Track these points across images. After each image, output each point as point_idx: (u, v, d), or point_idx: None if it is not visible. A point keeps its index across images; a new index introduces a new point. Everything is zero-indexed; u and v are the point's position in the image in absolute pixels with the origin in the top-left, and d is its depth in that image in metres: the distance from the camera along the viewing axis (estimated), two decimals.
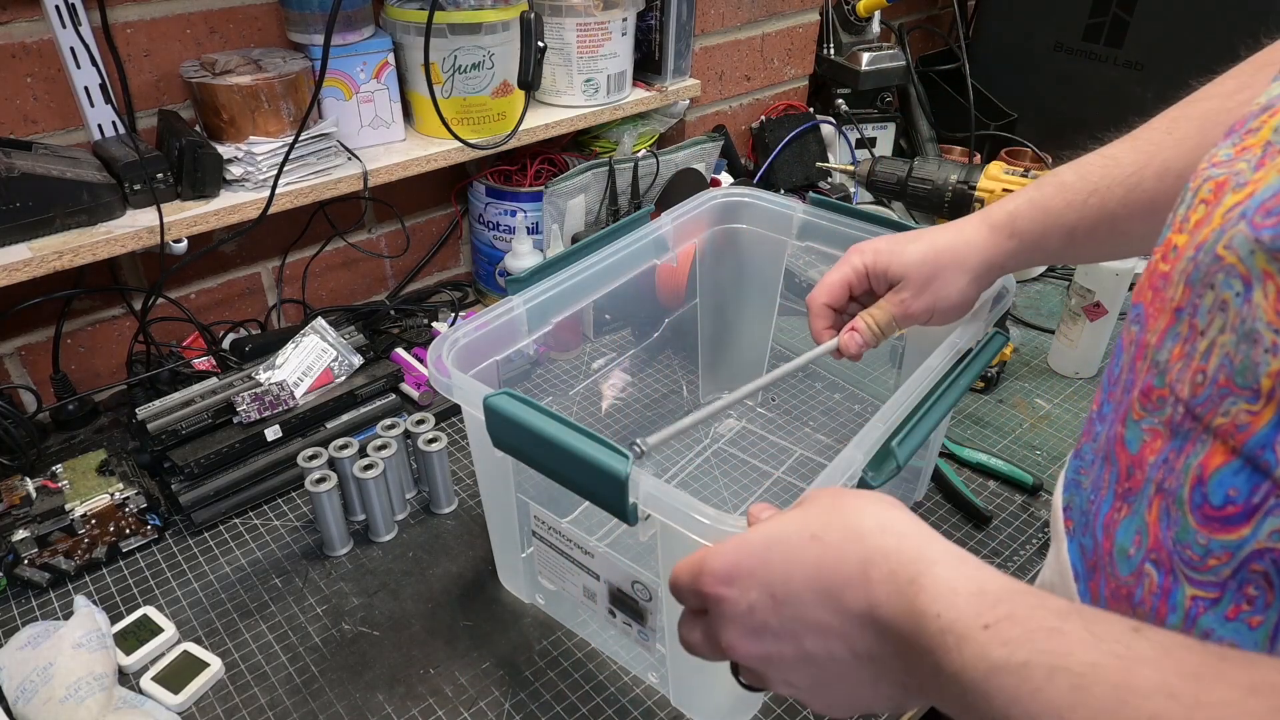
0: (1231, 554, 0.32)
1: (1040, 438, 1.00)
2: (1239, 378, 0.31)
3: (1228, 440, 0.32)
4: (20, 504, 0.81)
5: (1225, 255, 0.32)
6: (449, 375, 0.64)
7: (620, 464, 0.53)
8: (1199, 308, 0.34)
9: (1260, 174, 0.32)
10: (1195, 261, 0.34)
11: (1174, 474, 0.35)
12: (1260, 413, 0.30)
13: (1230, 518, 0.32)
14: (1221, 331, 0.32)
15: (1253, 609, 0.31)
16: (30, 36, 0.84)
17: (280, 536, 0.86)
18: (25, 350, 0.98)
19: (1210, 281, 0.33)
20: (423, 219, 1.23)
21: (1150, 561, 0.36)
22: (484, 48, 1.00)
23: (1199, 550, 0.33)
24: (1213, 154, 0.37)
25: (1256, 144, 0.34)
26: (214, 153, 0.89)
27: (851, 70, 1.44)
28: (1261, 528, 0.30)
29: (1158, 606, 0.35)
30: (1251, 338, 0.31)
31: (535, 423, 0.57)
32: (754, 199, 0.91)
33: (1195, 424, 0.33)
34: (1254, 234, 0.31)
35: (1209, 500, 0.32)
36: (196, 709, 0.70)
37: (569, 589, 0.71)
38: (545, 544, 0.70)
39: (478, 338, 0.70)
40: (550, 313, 0.76)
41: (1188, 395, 0.34)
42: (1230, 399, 0.32)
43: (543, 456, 0.58)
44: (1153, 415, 0.36)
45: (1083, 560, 0.42)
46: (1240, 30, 1.23)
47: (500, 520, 0.77)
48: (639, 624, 0.67)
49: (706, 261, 0.95)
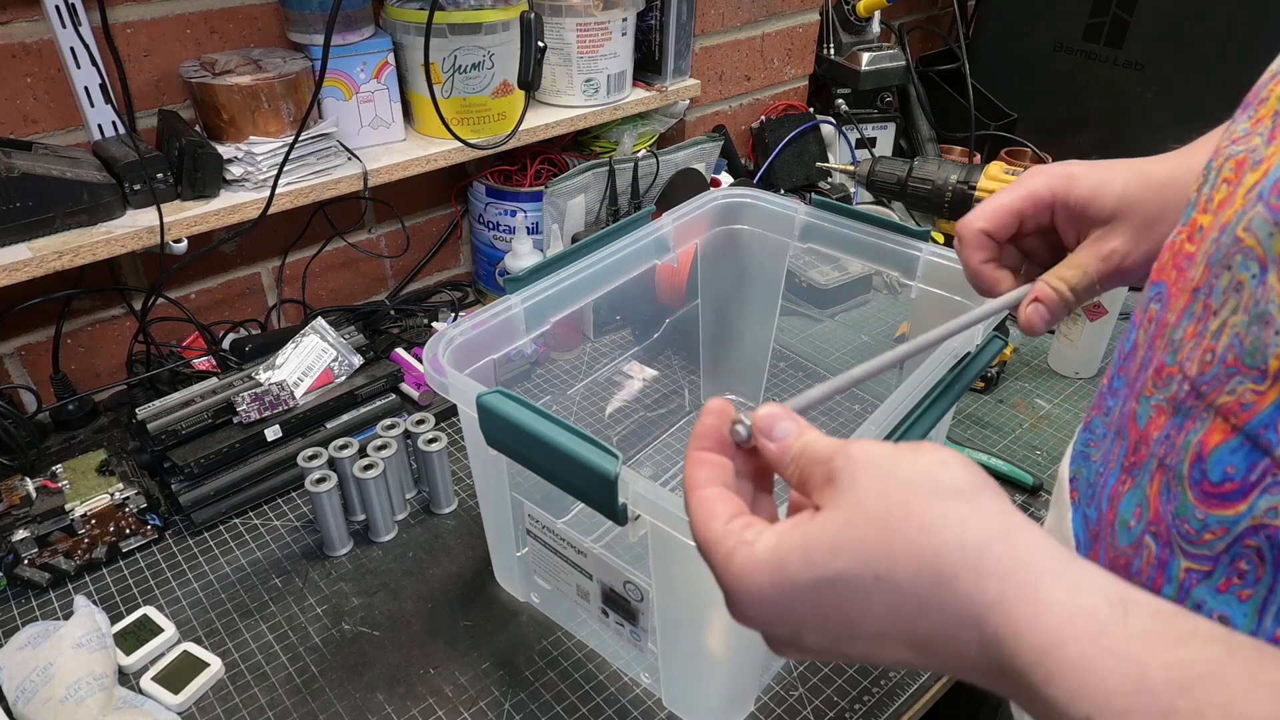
0: (1227, 529, 0.32)
1: (1040, 438, 1.00)
2: (1248, 358, 0.31)
3: (1230, 418, 0.32)
4: (20, 504, 0.81)
5: (1244, 238, 0.32)
6: (444, 374, 0.64)
7: (609, 464, 0.53)
8: (1214, 288, 0.34)
9: (1274, 148, 0.32)
10: (1218, 243, 0.34)
11: (1175, 450, 0.35)
12: (1266, 393, 0.30)
13: (1228, 494, 0.32)
14: (1234, 312, 0.32)
15: (1243, 583, 0.32)
16: (30, 36, 0.84)
17: (280, 536, 0.86)
18: (25, 350, 0.98)
19: (1228, 263, 0.33)
20: (423, 219, 1.23)
21: (1150, 534, 0.36)
22: (484, 48, 1.00)
23: (1196, 525, 0.33)
24: (1232, 129, 0.37)
25: (1267, 114, 0.34)
26: (214, 153, 0.89)
27: (851, 70, 1.44)
28: (1258, 504, 0.31)
29: (1154, 577, 0.36)
30: (1264, 319, 0.30)
31: (527, 422, 0.56)
32: (755, 200, 0.90)
33: (1198, 401, 0.33)
34: (1272, 216, 0.30)
35: (1208, 476, 0.33)
36: (196, 709, 0.70)
37: (563, 588, 0.71)
38: (540, 543, 0.70)
39: (475, 336, 0.70)
40: (548, 312, 0.76)
41: (1195, 373, 0.34)
42: (1237, 378, 0.32)
43: (534, 456, 0.58)
44: (1160, 392, 0.37)
45: (1085, 530, 0.43)
46: (1240, 30, 1.23)
47: (495, 519, 0.77)
48: (631, 624, 0.67)
49: (708, 262, 0.95)
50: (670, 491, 0.54)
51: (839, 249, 0.85)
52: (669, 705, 0.71)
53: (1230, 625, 0.32)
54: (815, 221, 0.86)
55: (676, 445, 1.00)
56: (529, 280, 0.74)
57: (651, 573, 0.62)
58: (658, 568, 0.61)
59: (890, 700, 0.72)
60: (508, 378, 0.97)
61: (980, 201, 1.04)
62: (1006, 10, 1.52)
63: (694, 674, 0.67)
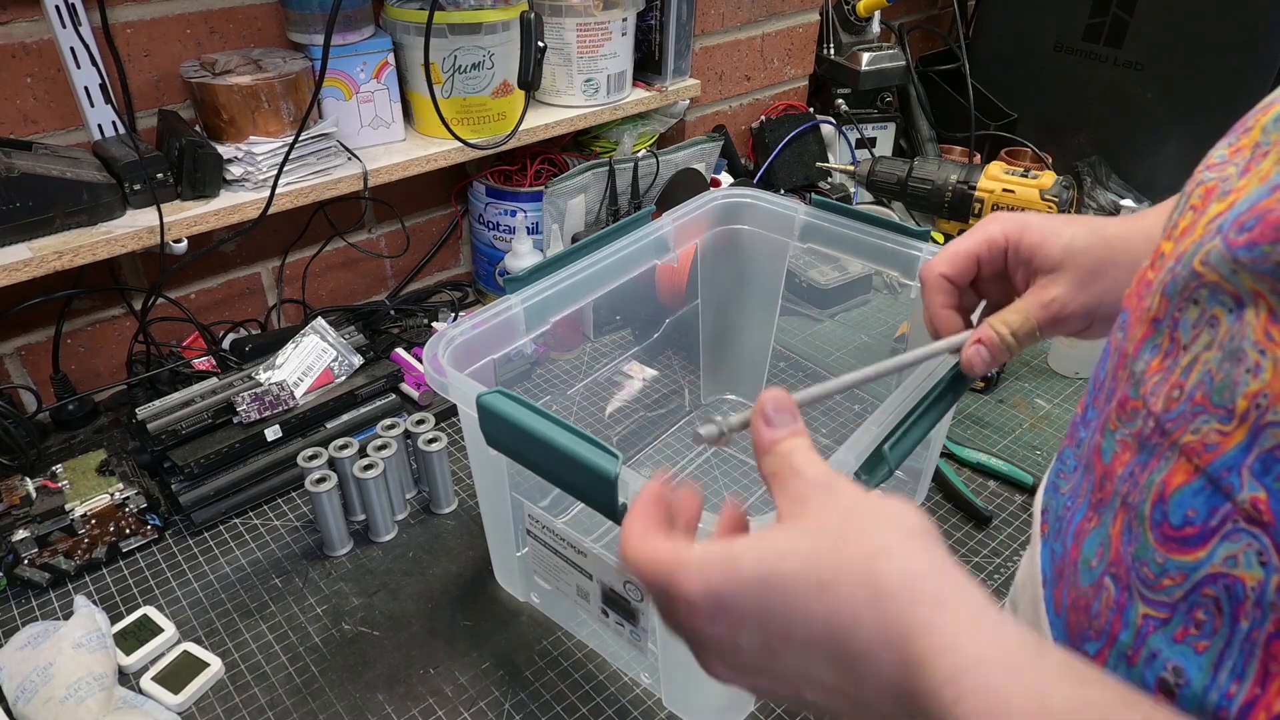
0: (1186, 575, 0.31)
1: (1040, 438, 1.00)
2: (1216, 395, 0.30)
3: (1193, 459, 0.31)
4: (20, 504, 0.81)
5: (1204, 271, 0.31)
6: (444, 373, 0.64)
7: (610, 464, 0.53)
8: (1179, 321, 0.33)
9: (1244, 181, 0.31)
10: (1173, 272, 0.33)
11: (1138, 489, 0.34)
12: (1231, 434, 0.30)
13: (1188, 539, 0.31)
14: (1208, 348, 0.31)
15: (1200, 633, 0.31)
16: (30, 36, 0.84)
17: (280, 536, 0.86)
18: (25, 350, 0.98)
19: (1193, 296, 0.32)
20: (423, 219, 1.23)
21: (1110, 575, 0.35)
22: (484, 48, 1.00)
23: (1155, 569, 0.32)
24: (1210, 154, 0.36)
25: (1248, 144, 0.33)
26: (214, 153, 0.89)
27: (851, 70, 1.44)
28: (1217, 552, 0.30)
29: (1113, 620, 0.35)
30: (1236, 356, 0.30)
31: (527, 422, 0.56)
32: (756, 200, 0.90)
33: (1163, 439, 0.33)
34: (1230, 253, 0.30)
35: (1169, 519, 0.32)
36: (196, 709, 0.70)
37: (563, 588, 0.71)
38: (540, 543, 0.70)
39: (474, 336, 0.70)
40: (549, 312, 0.76)
41: (1160, 409, 0.33)
42: (1203, 417, 0.31)
43: (534, 455, 0.58)
44: (1125, 427, 0.36)
45: (1052, 566, 0.41)
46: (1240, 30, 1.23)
47: (495, 519, 0.77)
48: (631, 624, 0.67)
49: (708, 262, 0.95)
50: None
51: (839, 249, 0.85)
52: (669, 705, 0.71)
53: (1184, 677, 0.31)
54: (815, 221, 0.86)
55: (676, 445, 1.00)
56: (529, 280, 0.74)
57: None
58: None
59: None
60: (508, 378, 0.97)
61: (980, 202, 1.04)
62: (1006, 10, 1.52)
63: (694, 674, 0.67)
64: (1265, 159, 0.31)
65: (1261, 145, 0.32)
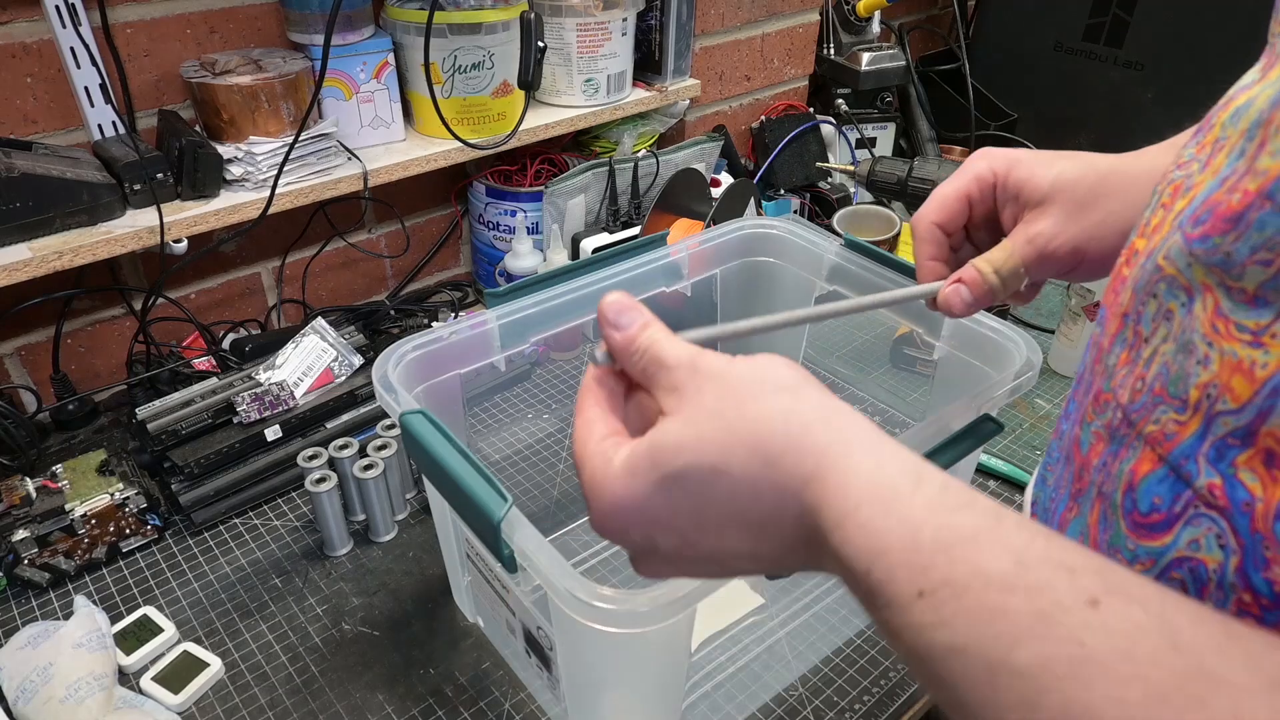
0: (1155, 560, 0.32)
1: (1040, 438, 1.00)
2: (1172, 387, 0.32)
3: (1156, 448, 0.32)
4: (20, 504, 0.81)
5: (1164, 265, 0.33)
6: (389, 389, 0.62)
7: (496, 506, 0.49)
8: (1142, 315, 0.34)
9: (1202, 176, 0.32)
10: (1144, 268, 0.35)
11: (1110, 478, 0.35)
12: (1187, 423, 0.31)
13: (1155, 525, 0.32)
14: (1165, 340, 0.33)
15: None
16: (30, 36, 0.84)
17: (280, 536, 0.86)
18: (25, 350, 0.98)
19: (1153, 290, 0.33)
20: (423, 219, 1.23)
21: None
22: (484, 48, 1.00)
23: (1128, 555, 0.34)
24: (1181, 152, 0.37)
25: (1209, 141, 0.34)
26: (214, 153, 0.89)
27: (851, 70, 1.44)
28: (1181, 537, 0.31)
29: None
30: (1188, 348, 0.31)
31: (434, 448, 0.54)
32: (787, 233, 0.85)
33: (1130, 430, 0.34)
34: (1187, 246, 0.31)
35: (1138, 506, 0.33)
36: (196, 709, 0.70)
37: (497, 620, 0.69)
38: (477, 570, 0.68)
39: (439, 349, 0.68)
40: (530, 331, 0.73)
41: (1126, 401, 0.34)
42: (1162, 407, 0.32)
43: (442, 484, 0.55)
44: (1099, 418, 0.37)
45: None
46: (1240, 30, 1.23)
47: (444, 539, 0.75)
48: (547, 670, 0.63)
49: (729, 294, 0.90)
50: (553, 546, 0.49)
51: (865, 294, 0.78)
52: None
53: None
54: (845, 265, 0.80)
55: None
56: (508, 297, 0.72)
57: (554, 622, 0.57)
58: (558, 621, 0.56)
59: (890, 700, 0.72)
60: (498, 382, 0.95)
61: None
62: (1006, 10, 1.52)
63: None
64: (1220, 154, 0.32)
65: (1220, 141, 0.33)
